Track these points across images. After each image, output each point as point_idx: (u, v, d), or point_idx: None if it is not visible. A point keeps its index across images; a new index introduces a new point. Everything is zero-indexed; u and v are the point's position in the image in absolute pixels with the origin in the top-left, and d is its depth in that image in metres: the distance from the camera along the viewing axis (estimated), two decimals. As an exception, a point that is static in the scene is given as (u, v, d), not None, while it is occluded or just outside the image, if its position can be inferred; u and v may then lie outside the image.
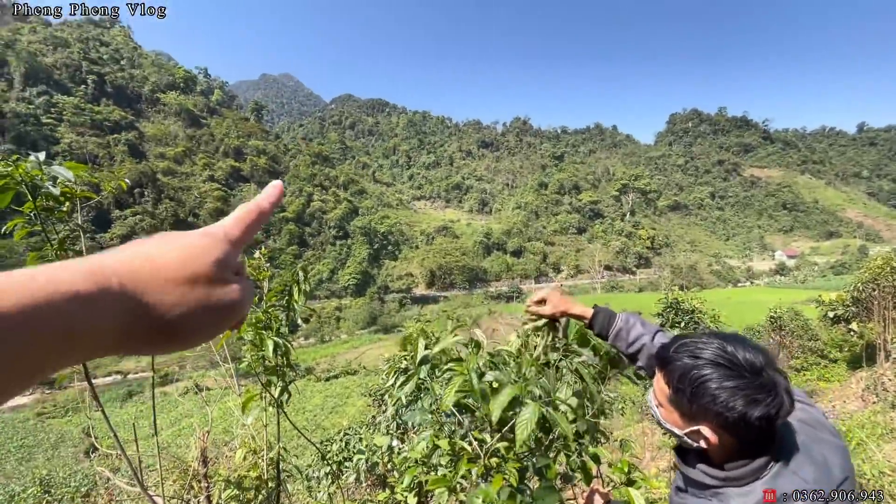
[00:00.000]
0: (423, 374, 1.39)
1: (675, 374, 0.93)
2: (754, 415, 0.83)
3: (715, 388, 0.86)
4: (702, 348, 0.91)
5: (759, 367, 0.86)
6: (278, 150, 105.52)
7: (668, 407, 0.98)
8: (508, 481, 1.29)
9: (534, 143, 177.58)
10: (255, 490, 2.16)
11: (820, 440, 0.95)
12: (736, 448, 0.92)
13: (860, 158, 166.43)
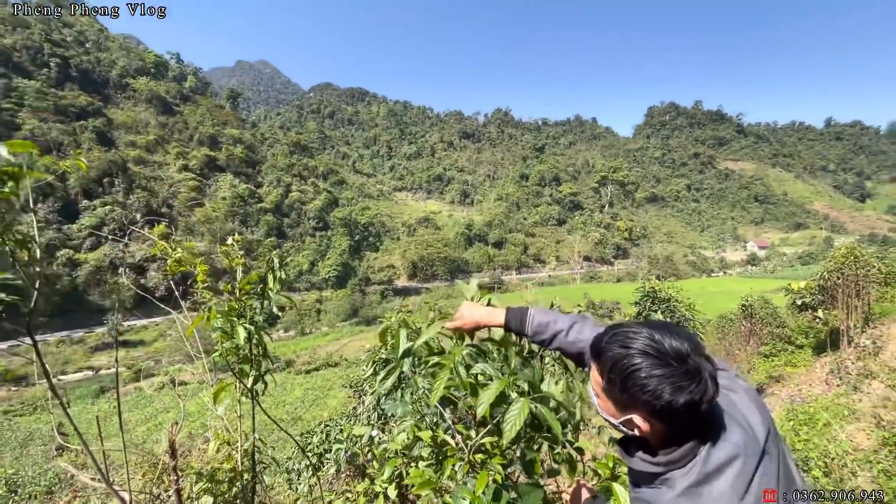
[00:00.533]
0: (406, 368, 1.35)
1: (607, 365, 0.96)
2: (680, 402, 0.87)
3: (643, 377, 0.89)
4: (632, 338, 0.94)
5: (684, 355, 0.89)
6: (255, 140, 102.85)
7: (604, 396, 1.02)
8: (494, 478, 1.26)
9: (515, 135, 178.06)
10: (228, 482, 2.09)
11: (739, 402, 1.01)
12: (668, 433, 0.95)
13: (827, 152, 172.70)
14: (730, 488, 0.89)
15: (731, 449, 0.92)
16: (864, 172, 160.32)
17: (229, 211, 74.31)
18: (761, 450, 0.94)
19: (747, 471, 0.90)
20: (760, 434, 0.96)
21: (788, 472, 0.97)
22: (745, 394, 1.04)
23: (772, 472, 0.93)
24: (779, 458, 0.96)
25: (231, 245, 2.35)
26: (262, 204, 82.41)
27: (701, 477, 0.91)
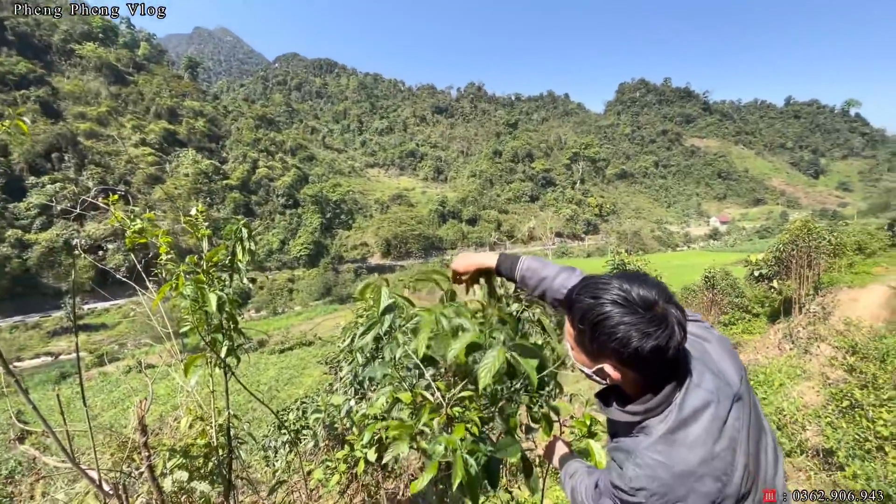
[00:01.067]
0: (388, 324, 1.32)
1: (578, 315, 0.97)
2: (646, 348, 0.87)
3: (611, 325, 0.90)
4: (602, 288, 0.94)
5: (652, 303, 0.90)
6: (218, 112, 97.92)
7: (577, 348, 1.02)
8: (470, 430, 1.26)
9: (488, 110, 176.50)
10: (203, 458, 2.04)
11: (712, 351, 1.03)
12: (641, 381, 0.96)
13: (786, 130, 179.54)
14: (704, 432, 0.91)
15: (705, 395, 0.94)
16: (819, 150, 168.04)
17: (193, 188, 71.19)
18: (734, 395, 0.96)
19: (720, 415, 0.93)
20: (733, 380, 0.99)
21: (759, 419, 1.00)
22: (718, 343, 1.07)
23: (744, 417, 0.96)
24: (751, 405, 0.99)
25: (195, 216, 2.23)
26: (228, 181, 79.30)
27: (677, 423, 0.93)
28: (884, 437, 3.60)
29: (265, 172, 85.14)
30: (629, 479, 0.94)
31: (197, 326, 1.78)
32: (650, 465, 0.92)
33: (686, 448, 0.91)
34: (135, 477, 1.99)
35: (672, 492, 0.89)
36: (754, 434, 0.97)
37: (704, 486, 0.89)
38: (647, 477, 0.92)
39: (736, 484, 0.91)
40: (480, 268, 1.50)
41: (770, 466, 0.99)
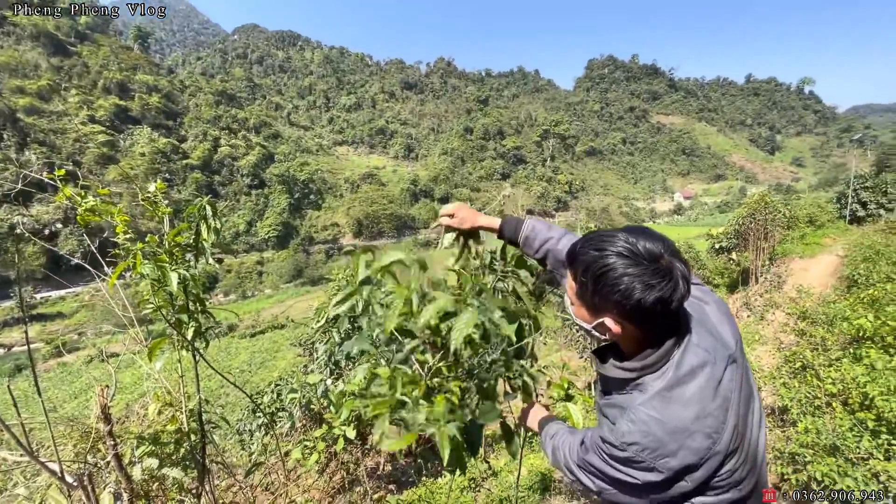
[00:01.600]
0: (366, 295, 1.28)
1: (580, 268, 0.96)
2: (649, 300, 0.87)
3: (614, 277, 0.89)
4: (606, 241, 0.93)
5: (657, 255, 0.89)
6: (173, 87, 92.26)
7: (577, 302, 1.02)
8: (450, 399, 1.25)
9: (458, 86, 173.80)
10: (174, 444, 1.97)
11: (711, 313, 1.05)
12: (641, 337, 0.97)
13: (745, 107, 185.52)
14: (699, 391, 0.93)
15: (703, 354, 0.95)
16: (776, 127, 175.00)
17: (150, 168, 67.50)
18: (729, 356, 0.98)
19: (716, 375, 0.94)
20: (730, 343, 1.01)
21: (749, 382, 1.03)
22: (717, 306, 1.08)
23: (737, 379, 0.98)
24: (743, 368, 1.01)
25: (154, 193, 2.08)
26: (188, 160, 75.54)
27: (674, 380, 0.94)
28: (832, 394, 3.86)
29: (228, 151, 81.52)
30: (622, 433, 0.95)
31: (160, 308, 1.68)
32: (644, 421, 0.93)
33: (681, 405, 0.92)
34: (101, 467, 1.91)
35: (663, 447, 0.91)
36: (745, 396, 0.99)
37: (695, 443, 0.91)
38: (640, 432, 0.93)
39: (725, 442, 0.93)
40: (481, 225, 1.47)
41: (755, 428, 1.02)
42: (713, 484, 0.95)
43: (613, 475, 0.99)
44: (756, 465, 1.02)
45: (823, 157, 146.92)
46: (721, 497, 0.97)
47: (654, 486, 0.95)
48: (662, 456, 0.91)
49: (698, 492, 0.96)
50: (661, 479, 0.93)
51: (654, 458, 0.92)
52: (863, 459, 2.89)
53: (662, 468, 0.92)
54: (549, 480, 4.73)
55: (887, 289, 6.50)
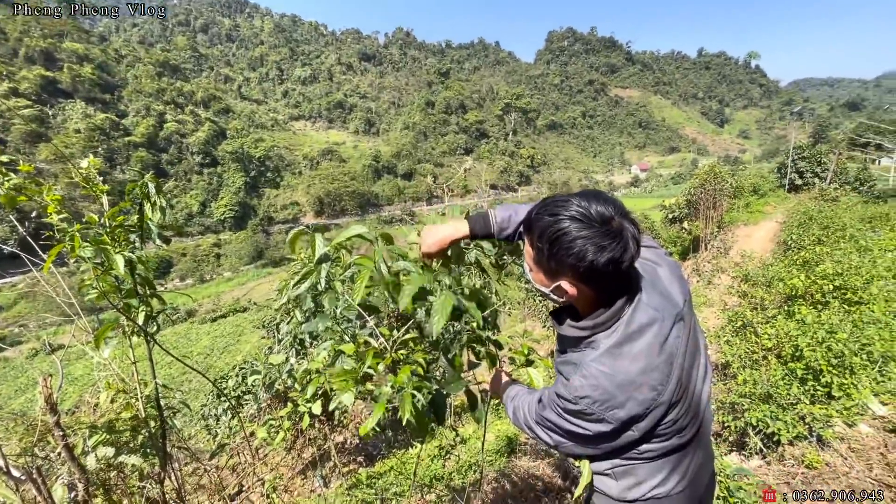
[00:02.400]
0: (324, 273, 1.26)
1: (536, 234, 0.99)
2: (601, 260, 0.90)
3: (568, 240, 0.92)
4: (560, 206, 0.96)
5: (608, 217, 0.92)
6: (108, 57, 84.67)
7: (535, 268, 1.05)
8: (416, 371, 1.28)
9: (418, 58, 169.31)
10: (131, 431, 1.91)
11: (663, 274, 1.10)
12: (595, 297, 1.01)
13: (698, 81, 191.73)
14: (647, 347, 0.98)
15: (652, 313, 1.00)
16: (725, 100, 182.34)
17: (88, 146, 62.39)
18: (676, 314, 1.04)
19: (663, 332, 1.00)
20: (678, 302, 1.06)
21: (696, 339, 1.10)
22: (668, 268, 1.14)
23: (683, 336, 1.04)
24: (690, 325, 1.08)
25: (88, 169, 1.93)
26: (131, 137, 70.28)
27: (623, 337, 0.99)
28: (767, 348, 4.21)
29: (175, 128, 76.36)
30: (574, 388, 1.01)
31: (105, 294, 1.59)
32: (595, 376, 0.99)
33: (629, 360, 0.97)
34: (52, 460, 1.83)
35: (612, 399, 0.97)
36: (691, 351, 1.06)
37: (641, 394, 0.97)
38: (591, 386, 0.98)
39: (669, 393, 0.99)
40: (452, 240, 1.39)
41: (699, 381, 1.09)
42: (658, 432, 1.03)
43: (568, 428, 1.06)
44: (699, 413, 1.10)
45: (767, 130, 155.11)
46: (665, 443, 1.06)
47: (604, 436, 1.03)
48: (611, 408, 0.97)
49: (644, 440, 1.04)
50: (610, 430, 1.01)
51: (603, 409, 0.98)
52: (792, 405, 3.20)
53: (611, 419, 0.99)
54: (515, 444, 4.95)
55: (816, 251, 7.06)
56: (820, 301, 5.05)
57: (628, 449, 1.07)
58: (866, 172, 23.70)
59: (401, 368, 1.13)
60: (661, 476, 1.08)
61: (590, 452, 1.13)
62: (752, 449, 3.07)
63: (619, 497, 1.12)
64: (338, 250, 1.26)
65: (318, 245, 1.23)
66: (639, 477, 1.08)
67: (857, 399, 3.15)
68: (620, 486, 1.11)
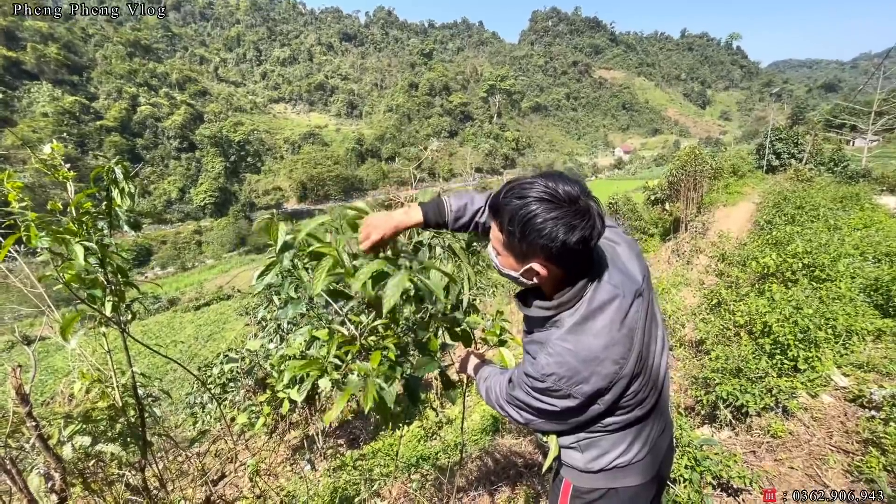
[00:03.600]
0: (287, 262, 1.25)
1: (506, 218, 0.98)
2: (573, 240, 0.92)
3: (540, 222, 0.92)
4: (527, 188, 0.96)
5: (575, 197, 0.93)
6: (74, 36, 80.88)
7: (504, 252, 1.05)
8: (387, 356, 1.29)
9: (401, 38, 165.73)
10: (109, 420, 1.90)
11: (622, 252, 1.14)
12: (563, 277, 1.03)
13: (681, 62, 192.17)
14: (609, 323, 1.02)
15: (612, 290, 1.04)
16: (707, 81, 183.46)
17: (57, 131, 59.92)
18: (636, 291, 1.08)
19: (623, 308, 1.04)
20: (637, 279, 1.10)
21: (654, 313, 1.15)
22: (627, 246, 1.18)
23: (642, 311, 1.08)
24: (649, 300, 1.13)
25: (51, 155, 1.87)
26: (103, 121, 67.79)
27: (586, 314, 1.02)
28: (740, 325, 4.35)
29: (149, 111, 73.84)
30: (541, 366, 1.03)
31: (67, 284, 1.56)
32: (559, 353, 1.02)
33: (592, 336, 1.00)
34: (26, 450, 1.81)
35: (577, 374, 1.00)
36: (649, 326, 1.10)
37: (605, 369, 1.01)
38: (556, 363, 1.01)
39: (630, 366, 1.04)
40: (402, 228, 1.31)
41: (657, 354, 1.14)
42: (621, 404, 1.08)
43: (536, 405, 1.10)
44: (657, 385, 1.16)
45: (747, 111, 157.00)
46: (628, 415, 1.11)
47: (571, 411, 1.07)
48: (577, 383, 1.01)
49: (609, 412, 1.09)
50: (576, 405, 1.05)
51: (569, 385, 1.01)
52: (760, 378, 3.33)
53: (577, 394, 1.02)
54: (499, 423, 5.08)
55: (787, 230, 7.26)
56: (790, 279, 5.22)
57: (594, 422, 1.12)
58: (840, 153, 24.26)
59: (371, 355, 1.15)
60: (624, 446, 1.14)
61: (558, 428, 1.17)
62: (723, 421, 3.21)
63: (584, 468, 1.18)
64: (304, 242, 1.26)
65: (281, 234, 1.22)
66: (603, 448, 1.14)
67: (821, 371, 3.31)
68: (586, 457, 1.17)
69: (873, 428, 2.62)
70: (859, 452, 2.52)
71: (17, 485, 1.60)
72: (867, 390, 3.05)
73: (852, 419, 2.89)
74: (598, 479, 1.17)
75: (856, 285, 4.59)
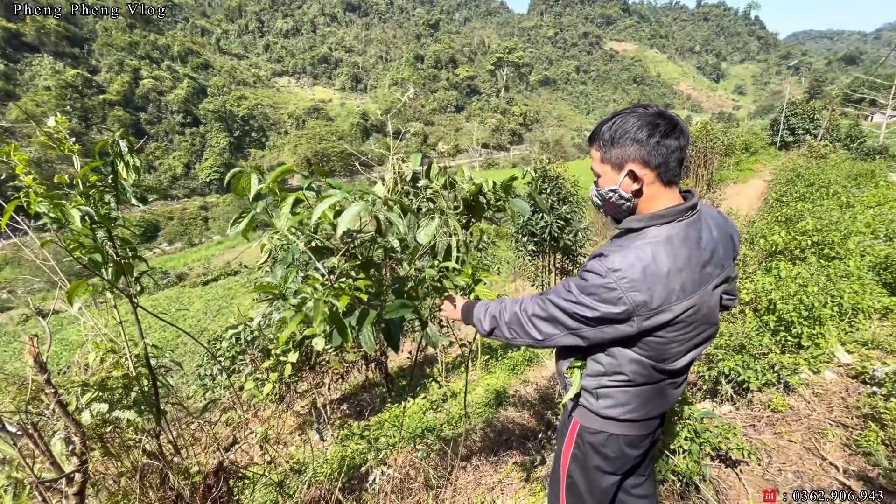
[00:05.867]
0: (260, 210, 1.29)
1: (604, 135, 1.14)
2: (659, 137, 1.05)
3: (628, 125, 1.09)
4: (624, 111, 1.13)
5: (662, 111, 1.10)
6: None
7: (602, 169, 1.17)
8: (358, 297, 1.28)
9: (406, 8, 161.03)
10: (123, 388, 1.96)
11: (724, 237, 1.22)
12: (659, 187, 1.10)
13: (695, 33, 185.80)
14: (688, 258, 1.08)
15: (707, 238, 1.14)
16: (722, 54, 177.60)
17: (60, 105, 59.61)
18: (722, 269, 1.19)
19: (704, 260, 1.12)
20: (728, 259, 1.22)
21: (715, 312, 1.20)
22: (734, 236, 1.29)
23: (716, 282, 1.17)
24: (720, 291, 1.21)
25: (55, 128, 1.86)
26: (106, 95, 67.16)
27: (672, 237, 1.08)
28: (745, 302, 4.35)
29: (152, 84, 72.97)
30: (610, 260, 1.06)
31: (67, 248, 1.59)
32: (634, 256, 1.05)
33: (669, 258, 1.04)
34: (47, 416, 1.88)
35: (638, 282, 1.03)
36: (715, 298, 1.16)
37: (663, 290, 1.03)
38: (626, 263, 1.04)
39: (681, 308, 1.06)
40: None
41: (701, 334, 1.17)
42: (646, 340, 1.11)
43: (572, 309, 1.12)
44: (682, 356, 1.18)
45: (763, 85, 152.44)
46: (643, 368, 1.15)
47: (607, 320, 1.08)
48: (634, 289, 1.02)
49: (632, 342, 1.13)
50: (618, 313, 1.05)
51: (626, 287, 1.03)
52: (763, 354, 3.35)
53: (627, 301, 1.03)
54: (503, 396, 5.18)
55: (797, 207, 7.15)
56: (798, 257, 5.18)
57: (610, 346, 1.16)
58: (857, 129, 23.61)
59: (340, 298, 1.16)
60: (633, 405, 1.22)
61: (576, 342, 1.18)
62: (724, 396, 3.24)
63: (596, 411, 1.28)
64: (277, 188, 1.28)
65: (253, 183, 1.26)
66: (616, 400, 1.23)
67: (824, 348, 3.31)
68: (600, 403, 1.26)
69: (874, 403, 2.64)
70: (858, 427, 2.55)
71: (40, 448, 1.67)
72: (870, 367, 3.06)
73: (853, 395, 2.92)
74: (605, 423, 1.27)
75: (865, 263, 4.54)
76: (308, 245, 1.34)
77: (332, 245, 1.30)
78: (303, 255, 1.38)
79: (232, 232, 1.27)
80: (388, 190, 1.51)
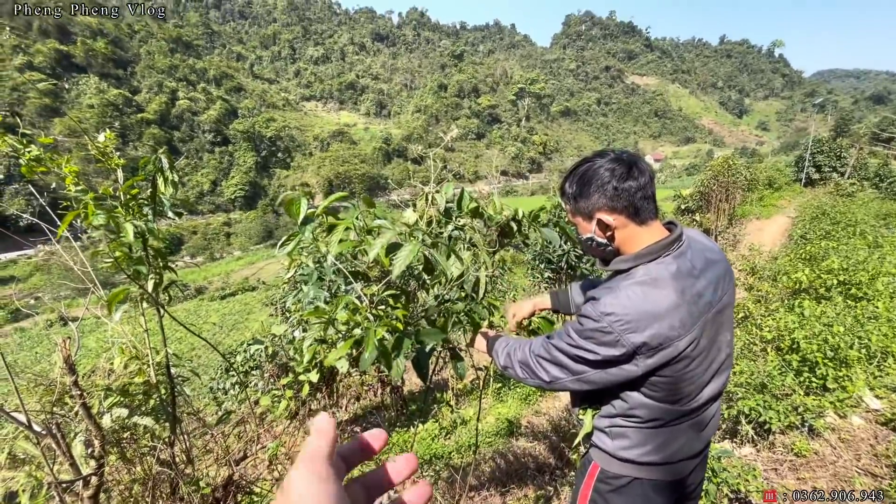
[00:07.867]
0: (308, 234, 1.34)
1: (567, 190, 1.18)
2: (623, 183, 1.07)
3: (591, 171, 1.11)
4: (590, 158, 1.16)
5: (622, 153, 1.12)
6: (121, 32, 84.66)
7: (576, 220, 1.20)
8: (394, 326, 1.31)
9: (432, 39, 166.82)
10: (143, 395, 2.01)
11: (716, 268, 1.16)
12: (634, 229, 1.11)
13: (718, 69, 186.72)
14: (681, 291, 1.04)
15: (693, 270, 1.10)
16: (745, 90, 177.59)
17: (101, 122, 62.87)
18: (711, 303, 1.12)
19: (698, 290, 1.07)
20: (723, 293, 1.14)
21: (722, 335, 1.16)
22: (724, 266, 1.20)
23: (715, 322, 1.12)
24: (720, 322, 1.14)
25: (105, 143, 2.00)
26: (144, 114, 70.62)
27: (663, 274, 1.06)
28: (767, 340, 4.23)
29: (187, 105, 76.54)
30: (603, 304, 1.04)
31: (117, 259, 1.68)
32: (626, 297, 1.03)
33: (662, 294, 1.02)
34: (69, 418, 1.94)
35: (634, 322, 1.00)
36: (716, 324, 1.10)
37: (661, 329, 1.00)
38: (620, 305, 1.02)
39: (685, 343, 1.02)
40: (539, 308, 1.67)
41: (715, 365, 1.13)
42: (653, 381, 1.06)
43: (575, 352, 1.09)
44: (700, 393, 1.12)
45: (787, 122, 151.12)
46: (658, 404, 1.09)
47: (608, 363, 1.05)
48: (630, 331, 1.00)
49: (640, 383, 1.08)
50: (618, 355, 1.03)
51: (622, 330, 1.00)
52: (786, 395, 3.24)
53: (626, 343, 1.01)
54: (514, 426, 5.07)
55: (822, 245, 6.98)
56: (823, 296, 5.03)
57: (622, 389, 1.12)
58: (887, 168, 23.07)
59: (378, 324, 1.19)
60: (650, 446, 1.15)
61: (584, 387, 1.14)
62: (744, 437, 3.13)
63: (613, 454, 1.21)
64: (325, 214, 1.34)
65: (303, 207, 1.31)
66: (632, 441, 1.17)
67: (851, 392, 3.18)
68: (615, 444, 1.20)
69: (905, 453, 2.52)
70: (888, 477, 2.43)
71: (62, 448, 1.72)
72: (901, 415, 2.92)
73: (883, 443, 2.78)
74: (625, 466, 1.20)
75: (894, 305, 4.38)
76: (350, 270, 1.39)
77: (364, 270, 1.35)
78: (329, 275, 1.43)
79: (280, 252, 1.33)
80: (422, 220, 1.56)
